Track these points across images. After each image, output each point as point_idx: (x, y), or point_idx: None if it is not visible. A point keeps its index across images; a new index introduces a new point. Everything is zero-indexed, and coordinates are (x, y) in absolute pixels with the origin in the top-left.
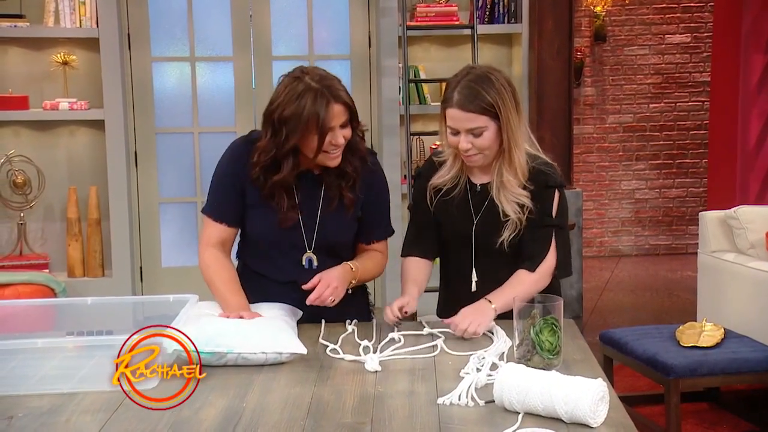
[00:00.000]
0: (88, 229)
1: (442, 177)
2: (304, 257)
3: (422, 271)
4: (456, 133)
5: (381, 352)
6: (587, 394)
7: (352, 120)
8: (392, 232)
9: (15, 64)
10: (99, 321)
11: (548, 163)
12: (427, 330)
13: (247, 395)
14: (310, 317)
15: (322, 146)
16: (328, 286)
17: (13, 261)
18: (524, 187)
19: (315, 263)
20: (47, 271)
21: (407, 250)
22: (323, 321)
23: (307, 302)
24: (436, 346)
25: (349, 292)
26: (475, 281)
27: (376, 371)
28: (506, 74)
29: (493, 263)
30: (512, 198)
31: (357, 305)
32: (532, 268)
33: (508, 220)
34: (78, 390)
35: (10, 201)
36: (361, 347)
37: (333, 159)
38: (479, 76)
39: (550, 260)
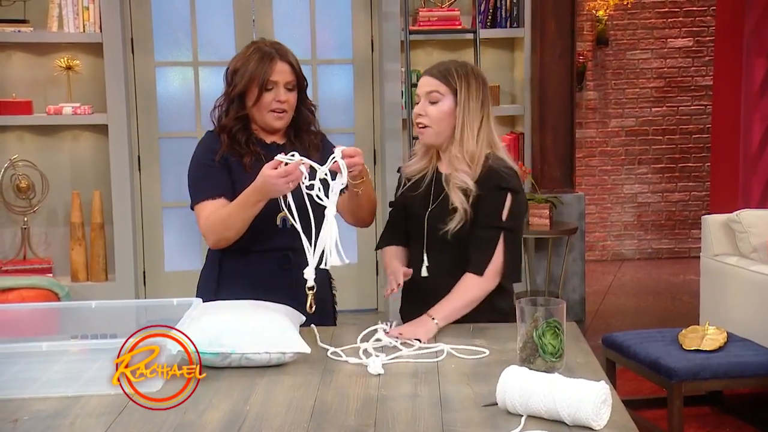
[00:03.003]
0: (92, 234)
1: (412, 165)
2: (278, 217)
3: (400, 252)
4: (418, 102)
5: (386, 355)
6: (590, 397)
7: (300, 90)
8: None
9: (19, 69)
10: (103, 325)
11: (509, 167)
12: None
13: (251, 398)
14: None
15: (262, 97)
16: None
17: (16, 265)
18: (475, 180)
19: (290, 223)
20: (51, 275)
21: (382, 242)
22: (313, 325)
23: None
24: (442, 350)
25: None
26: (426, 266)
27: (379, 374)
28: (486, 80)
29: (442, 253)
30: (458, 182)
31: (321, 307)
32: (478, 271)
33: (456, 210)
34: (82, 393)
35: (14, 205)
36: (361, 350)
37: (277, 119)
38: (458, 61)
39: (496, 262)
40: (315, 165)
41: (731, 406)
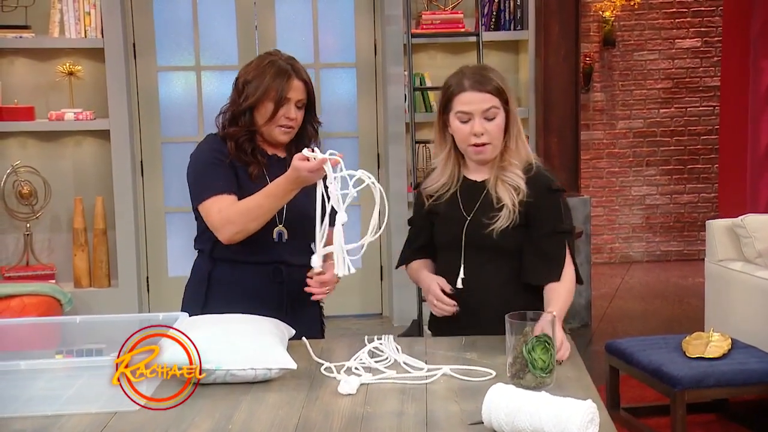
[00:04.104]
0: (95, 239)
1: (435, 181)
2: (275, 231)
3: (428, 264)
4: (467, 120)
5: (372, 375)
6: (577, 416)
7: (309, 107)
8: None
9: (21, 74)
10: (88, 339)
11: (545, 169)
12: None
13: (234, 416)
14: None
15: (276, 114)
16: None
17: (19, 272)
18: (523, 179)
19: (285, 237)
20: (53, 281)
21: (404, 259)
22: (304, 338)
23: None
24: (434, 373)
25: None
26: (462, 278)
27: (349, 394)
28: None
29: (481, 258)
30: (509, 181)
31: (309, 321)
32: (556, 278)
33: (502, 207)
34: (63, 412)
35: (17, 212)
36: (353, 368)
37: (284, 134)
38: (480, 66)
39: (570, 267)
40: (347, 172)
41: (737, 413)
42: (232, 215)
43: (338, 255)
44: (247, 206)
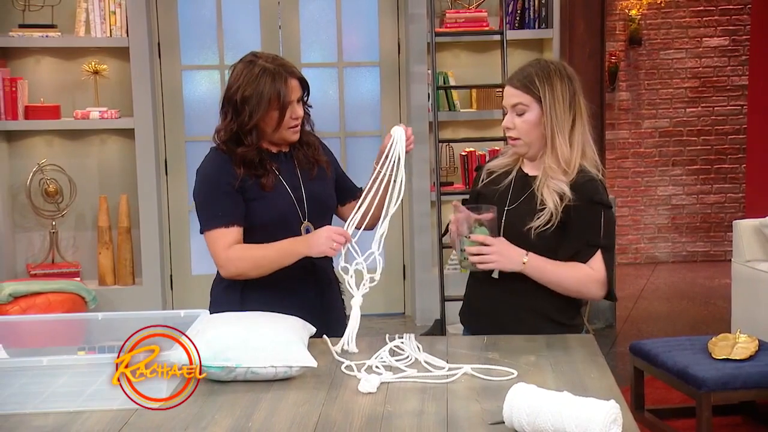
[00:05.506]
0: (119, 238)
1: (497, 161)
2: (302, 228)
3: None
4: (507, 112)
5: (392, 374)
6: (599, 416)
7: (304, 97)
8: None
9: (46, 73)
10: (110, 336)
11: (600, 181)
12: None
13: (254, 414)
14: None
15: (283, 120)
16: None
17: (45, 269)
18: (567, 184)
19: (312, 231)
20: (78, 279)
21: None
22: (325, 336)
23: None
24: (454, 373)
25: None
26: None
27: (370, 393)
28: (574, 75)
29: None
30: (553, 186)
31: (334, 317)
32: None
33: (544, 208)
34: (84, 408)
35: (42, 209)
36: (373, 366)
37: (294, 134)
38: (539, 63)
39: (601, 273)
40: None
41: (765, 415)
42: (236, 259)
43: (349, 332)
44: (255, 255)
